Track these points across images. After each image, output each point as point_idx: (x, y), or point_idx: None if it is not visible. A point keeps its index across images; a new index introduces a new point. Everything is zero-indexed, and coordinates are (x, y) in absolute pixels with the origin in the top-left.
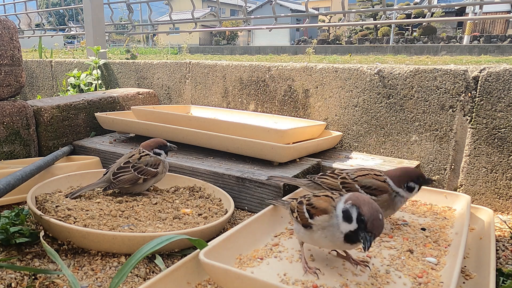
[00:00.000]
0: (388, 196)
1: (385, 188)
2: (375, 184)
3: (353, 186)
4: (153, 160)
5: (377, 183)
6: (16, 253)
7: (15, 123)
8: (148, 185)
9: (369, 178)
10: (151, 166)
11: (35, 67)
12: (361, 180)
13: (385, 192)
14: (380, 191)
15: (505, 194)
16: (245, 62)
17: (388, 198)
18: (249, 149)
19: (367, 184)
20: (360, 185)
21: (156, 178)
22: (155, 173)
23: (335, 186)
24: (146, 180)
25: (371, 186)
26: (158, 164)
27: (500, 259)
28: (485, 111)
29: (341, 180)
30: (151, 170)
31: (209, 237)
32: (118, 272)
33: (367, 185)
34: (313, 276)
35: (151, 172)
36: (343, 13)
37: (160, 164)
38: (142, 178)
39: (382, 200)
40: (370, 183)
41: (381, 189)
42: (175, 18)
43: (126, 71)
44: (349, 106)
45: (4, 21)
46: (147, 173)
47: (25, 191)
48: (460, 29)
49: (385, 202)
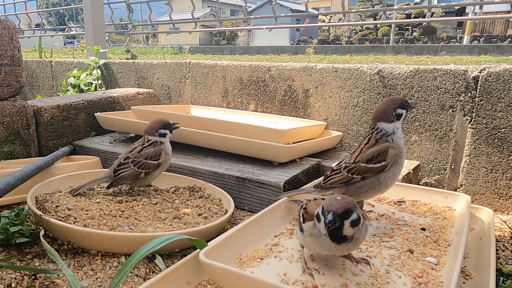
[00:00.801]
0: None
1: (385, 147)
2: (374, 151)
3: (360, 167)
4: (153, 151)
5: (375, 149)
6: (16, 253)
7: (15, 123)
8: (154, 177)
9: (365, 151)
10: (152, 159)
11: (35, 67)
12: (362, 157)
13: (386, 150)
14: (384, 152)
15: (505, 194)
16: (245, 62)
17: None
18: (249, 149)
19: (369, 157)
20: (364, 161)
21: (160, 169)
22: (156, 165)
23: (345, 177)
24: (148, 173)
25: (373, 156)
26: (159, 155)
27: (500, 259)
28: (485, 111)
29: (345, 169)
30: (151, 163)
31: (209, 237)
32: (118, 272)
33: (369, 158)
34: (310, 277)
35: (152, 165)
36: (343, 13)
37: (162, 153)
38: (143, 172)
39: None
40: (371, 153)
41: (383, 150)
42: (175, 18)
43: (126, 71)
44: (349, 106)
45: (4, 21)
46: (148, 167)
47: (25, 191)
48: (460, 29)
49: (395, 156)
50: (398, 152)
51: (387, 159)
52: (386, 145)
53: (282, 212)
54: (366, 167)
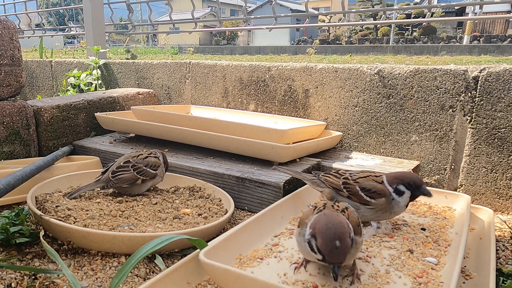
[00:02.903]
0: (385, 200)
1: (384, 192)
2: (374, 187)
3: (354, 187)
4: (153, 161)
5: (377, 187)
6: (16, 253)
7: (15, 123)
8: (146, 187)
9: (369, 180)
10: (151, 168)
11: (35, 67)
12: (362, 182)
13: (383, 195)
14: (379, 194)
15: (505, 194)
16: (245, 62)
17: (385, 201)
18: (249, 149)
19: (367, 187)
20: (361, 187)
21: (154, 181)
22: (153, 175)
23: (337, 186)
24: (144, 181)
25: (370, 189)
26: (158, 166)
27: (500, 259)
28: (485, 111)
29: (343, 180)
30: (150, 171)
31: (209, 237)
32: (118, 272)
33: (366, 188)
34: (297, 270)
35: (150, 173)
36: (343, 13)
37: (160, 166)
38: (141, 179)
39: (379, 203)
40: (370, 186)
41: (379, 193)
42: (175, 18)
43: (126, 71)
44: (349, 106)
45: (4, 21)
46: (146, 174)
47: (25, 191)
48: (460, 29)
49: (382, 206)
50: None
51: (377, 200)
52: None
53: (282, 212)
54: (358, 191)
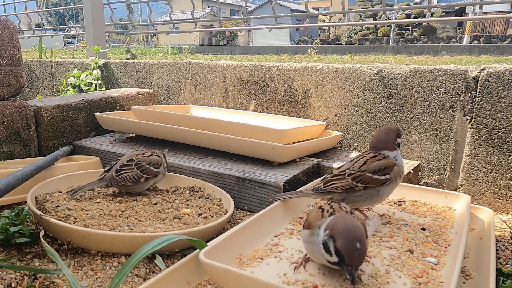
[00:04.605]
0: (396, 165)
1: (391, 163)
2: (381, 165)
3: (366, 176)
4: (156, 159)
5: (382, 162)
6: (16, 253)
7: (15, 123)
8: (148, 185)
9: (371, 162)
10: (154, 166)
11: (35, 67)
12: (368, 168)
13: (392, 164)
14: (389, 167)
15: (505, 194)
16: (245, 62)
17: (398, 170)
18: (249, 149)
19: (376, 169)
20: (371, 172)
21: (156, 179)
22: (156, 173)
23: (349, 185)
24: (147, 179)
25: (380, 168)
26: (160, 164)
27: (500, 259)
28: (485, 111)
29: (350, 177)
30: (153, 169)
31: (209, 237)
32: (118, 272)
33: (376, 170)
34: (296, 270)
35: (153, 171)
36: (343, 13)
37: (162, 164)
38: (144, 177)
39: (395, 172)
40: (377, 166)
41: (389, 165)
42: (175, 18)
43: (126, 71)
44: (349, 106)
45: (4, 21)
46: (149, 172)
47: (25, 191)
48: (460, 29)
49: (397, 172)
50: (400, 171)
51: (390, 174)
52: (392, 161)
53: (282, 212)
54: (372, 177)
